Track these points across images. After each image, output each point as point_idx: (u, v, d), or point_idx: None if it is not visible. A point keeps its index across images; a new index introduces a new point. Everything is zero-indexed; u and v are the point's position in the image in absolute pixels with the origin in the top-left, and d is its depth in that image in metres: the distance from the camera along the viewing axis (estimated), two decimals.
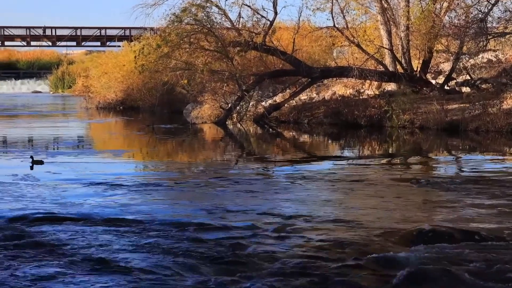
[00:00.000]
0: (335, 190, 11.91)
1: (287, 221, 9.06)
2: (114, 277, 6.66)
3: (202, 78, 27.70)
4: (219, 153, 19.30)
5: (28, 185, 12.05)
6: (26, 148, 19.69)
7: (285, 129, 25.91)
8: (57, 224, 8.90)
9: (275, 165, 16.15)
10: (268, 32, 27.04)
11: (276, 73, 28.12)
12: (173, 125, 27.36)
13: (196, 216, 9.43)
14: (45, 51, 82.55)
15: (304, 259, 7.20)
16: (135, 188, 11.78)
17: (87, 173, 13.53)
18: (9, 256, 7.33)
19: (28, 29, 72.14)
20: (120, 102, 40.18)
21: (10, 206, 10.07)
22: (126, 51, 40.70)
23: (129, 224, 8.89)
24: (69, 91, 61.45)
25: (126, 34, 64.87)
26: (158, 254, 7.42)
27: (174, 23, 26.63)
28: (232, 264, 7.05)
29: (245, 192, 11.50)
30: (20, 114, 36.49)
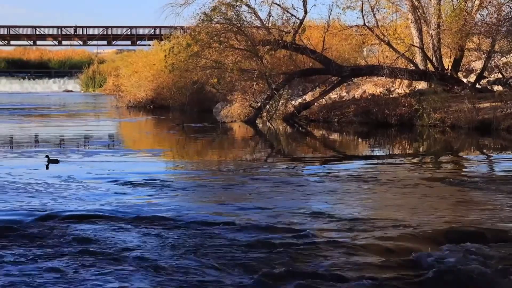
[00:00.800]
0: (365, 190, 11.85)
1: (314, 220, 9.03)
2: (143, 275, 6.68)
3: (231, 77, 27.72)
4: (248, 152, 19.30)
5: (58, 183, 12.14)
6: (57, 147, 19.85)
7: (315, 128, 25.85)
8: (85, 222, 8.95)
9: (305, 164, 16.11)
10: (298, 30, 27.00)
11: (306, 72, 28.07)
12: (203, 124, 27.41)
13: (225, 215, 9.43)
14: (76, 50, 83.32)
15: (330, 259, 7.18)
16: (165, 187, 11.81)
17: (117, 172, 13.59)
18: (37, 254, 7.40)
19: (59, 28, 72.76)
20: (150, 101, 40.36)
21: (39, 205, 10.14)
22: (156, 50, 40.89)
23: (158, 222, 8.92)
24: (99, 90, 61.94)
25: (156, 33, 65.17)
26: (187, 253, 7.43)
27: (204, 22, 26.70)
28: (263, 264, 7.05)
29: (275, 191, 11.48)
30: (52, 113, 36.78)
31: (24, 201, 10.38)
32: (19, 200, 10.46)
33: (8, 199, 10.59)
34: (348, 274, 6.69)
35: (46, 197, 10.76)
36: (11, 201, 10.42)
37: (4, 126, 27.42)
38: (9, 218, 9.15)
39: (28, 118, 32.23)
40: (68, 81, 74.48)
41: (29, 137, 23.21)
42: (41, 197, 10.81)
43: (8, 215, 9.33)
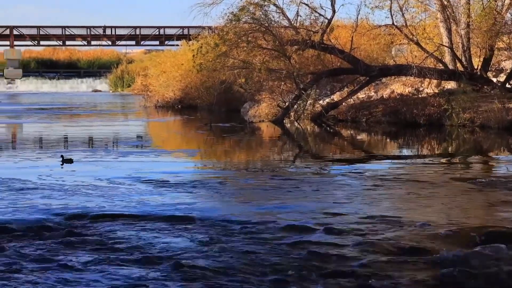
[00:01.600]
0: (393, 190, 11.79)
1: (343, 220, 9.01)
2: (169, 275, 6.70)
3: (259, 77, 27.72)
4: (276, 152, 19.29)
5: (86, 183, 12.22)
6: (86, 147, 20.00)
7: (343, 128, 25.79)
8: (114, 221, 9.00)
9: (332, 164, 16.07)
10: (326, 30, 26.94)
11: (334, 71, 28.00)
12: (231, 124, 27.44)
13: (252, 214, 9.44)
14: (105, 50, 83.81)
15: (357, 259, 7.16)
16: (192, 186, 11.84)
17: (145, 171, 13.65)
18: (66, 254, 7.45)
19: (88, 28, 73.31)
20: (178, 100, 40.48)
21: (67, 204, 10.22)
22: (184, 50, 41.00)
23: (186, 222, 8.95)
24: (128, 89, 62.24)
25: (185, 33, 65.41)
26: (214, 253, 7.45)
27: (232, 21, 26.73)
28: (291, 264, 7.04)
29: (302, 191, 11.47)
30: (81, 113, 37.04)
31: (53, 201, 10.46)
32: (48, 200, 10.55)
33: (37, 198, 10.68)
34: (374, 274, 6.66)
35: (74, 197, 10.84)
36: (40, 200, 10.51)
37: (34, 126, 27.67)
38: (38, 217, 9.24)
39: (58, 118, 32.50)
40: (97, 81, 74.92)
41: (58, 137, 23.39)
42: (70, 196, 10.89)
43: (37, 215, 9.41)
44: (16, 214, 9.45)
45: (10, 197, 10.73)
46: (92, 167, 14.35)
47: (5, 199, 10.61)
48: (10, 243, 7.87)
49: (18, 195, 10.90)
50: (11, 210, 9.73)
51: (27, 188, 11.54)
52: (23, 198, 10.69)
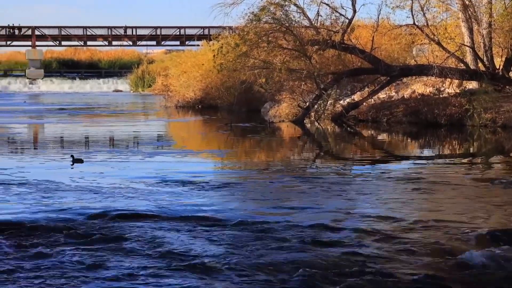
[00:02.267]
0: (414, 190, 11.75)
1: (362, 220, 9.01)
2: (192, 274, 6.72)
3: (280, 77, 27.70)
4: (296, 152, 19.28)
5: (107, 182, 12.28)
6: (107, 147, 20.10)
7: (364, 128, 25.72)
8: (134, 221, 9.05)
9: (353, 164, 16.04)
10: (346, 30, 26.87)
11: (354, 71, 27.94)
12: (251, 124, 27.45)
13: (273, 214, 9.45)
14: (126, 51, 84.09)
15: (379, 259, 7.14)
16: (213, 186, 11.87)
17: (166, 171, 13.69)
18: (87, 253, 7.49)
19: (109, 29, 73.63)
20: (199, 100, 40.53)
21: (89, 203, 10.28)
22: (205, 50, 41.05)
23: (206, 221, 8.98)
24: (149, 90, 62.41)
25: (205, 33, 65.52)
26: (236, 252, 7.46)
27: (252, 22, 26.74)
28: (312, 263, 7.04)
29: (323, 191, 11.46)
30: (102, 113, 37.21)
31: (76, 200, 10.53)
32: (72, 200, 10.61)
33: (59, 198, 10.75)
34: (397, 274, 6.65)
35: (96, 196, 10.90)
36: (62, 200, 10.58)
37: (56, 126, 27.82)
38: (61, 216, 9.30)
39: (79, 118, 32.66)
40: (118, 81, 75.14)
41: (79, 137, 23.50)
42: (91, 196, 10.95)
43: (60, 214, 9.48)
44: (41, 213, 9.52)
45: (34, 197, 10.82)
46: (113, 168, 14.41)
47: (30, 198, 10.69)
48: (33, 242, 7.93)
49: (42, 195, 10.98)
50: (36, 209, 9.81)
51: (51, 188, 11.62)
52: (48, 198, 10.77)
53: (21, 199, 10.64)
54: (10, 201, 10.53)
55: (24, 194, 11.10)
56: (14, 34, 72.51)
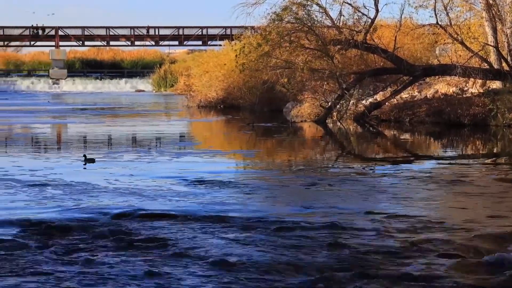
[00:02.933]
0: (437, 190, 11.69)
1: (386, 221, 8.97)
2: (215, 273, 6.73)
3: (302, 77, 27.69)
4: (318, 152, 19.26)
5: (131, 182, 12.34)
6: (130, 147, 20.18)
7: (386, 128, 25.64)
8: (158, 220, 9.09)
9: (375, 164, 16.00)
10: (369, 30, 26.80)
11: (377, 71, 27.85)
12: (273, 124, 27.45)
13: (295, 214, 9.44)
14: (148, 51, 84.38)
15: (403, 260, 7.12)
16: (235, 186, 11.88)
17: (189, 171, 13.73)
18: (111, 252, 7.52)
19: (132, 29, 73.94)
20: (221, 100, 40.58)
21: (114, 203, 10.33)
22: (227, 50, 41.10)
23: (229, 221, 8.99)
24: (171, 89, 62.57)
25: (227, 33, 65.60)
26: (258, 252, 7.46)
27: (274, 21, 26.74)
28: (334, 264, 7.02)
29: (345, 191, 11.44)
30: (125, 113, 37.37)
31: (99, 200, 10.59)
32: (95, 199, 10.67)
33: (83, 197, 10.81)
34: (421, 275, 6.61)
35: (119, 196, 10.95)
36: (86, 199, 10.64)
37: (79, 126, 27.98)
38: (85, 216, 9.35)
39: (102, 118, 32.82)
40: (140, 81, 75.38)
41: (102, 137, 23.62)
42: (115, 195, 11.01)
43: (84, 213, 9.53)
44: (65, 213, 9.58)
45: (58, 197, 10.89)
46: (136, 168, 14.47)
47: (54, 198, 10.76)
48: (57, 242, 7.97)
49: (66, 195, 11.05)
50: (60, 209, 9.87)
51: (76, 188, 11.68)
52: (71, 197, 10.83)
53: (47, 199, 10.71)
54: (36, 201, 10.60)
55: (49, 194, 11.18)
56: (38, 35, 73.03)
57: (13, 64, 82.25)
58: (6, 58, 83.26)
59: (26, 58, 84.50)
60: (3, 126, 27.85)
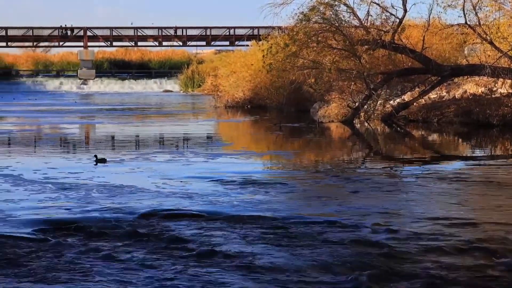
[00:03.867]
0: (465, 191, 11.61)
1: (412, 221, 8.95)
2: (240, 274, 6.74)
3: (329, 77, 27.63)
4: (346, 152, 19.21)
5: (158, 182, 12.39)
6: (157, 147, 20.26)
7: (414, 128, 25.50)
8: (185, 220, 9.13)
9: (403, 165, 15.92)
10: (397, 30, 26.67)
11: (405, 71, 27.71)
12: (300, 124, 27.43)
13: (322, 215, 9.43)
14: (176, 51, 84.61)
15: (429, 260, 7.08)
16: (262, 186, 11.88)
17: (216, 171, 13.77)
18: (136, 251, 7.56)
19: (160, 29, 74.24)
20: (248, 101, 40.61)
21: (141, 202, 10.39)
22: (254, 50, 41.12)
23: (256, 221, 9.00)
24: (198, 90, 62.70)
25: (255, 33, 65.65)
26: (285, 252, 7.47)
27: (302, 22, 26.71)
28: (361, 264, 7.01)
29: (373, 191, 11.40)
30: (152, 113, 37.53)
31: (126, 200, 10.65)
32: (121, 199, 10.73)
33: (110, 197, 10.88)
34: (447, 276, 6.57)
35: (146, 195, 11.01)
36: (113, 199, 10.71)
37: (107, 127, 28.13)
38: (112, 215, 9.42)
39: (129, 118, 32.98)
40: (168, 81, 75.64)
41: (130, 137, 23.74)
42: (142, 195, 11.07)
43: (111, 213, 9.60)
44: (91, 213, 9.65)
45: (84, 196, 10.97)
46: (164, 167, 14.53)
47: (80, 198, 10.84)
48: (84, 242, 8.03)
49: (92, 194, 11.13)
50: (86, 209, 9.95)
51: (104, 188, 11.77)
52: (97, 197, 10.91)
53: (74, 199, 10.80)
54: (63, 201, 10.69)
55: (79, 194, 11.26)
56: (66, 35, 73.59)
57: (42, 64, 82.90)
58: (35, 58, 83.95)
59: (55, 59, 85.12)
60: (32, 126, 28.11)
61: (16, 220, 9.15)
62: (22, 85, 72.11)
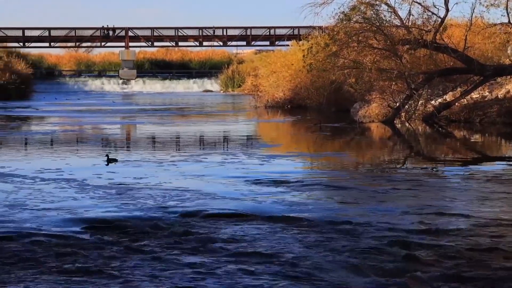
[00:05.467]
0: (508, 191, 11.48)
1: (454, 222, 8.88)
2: (278, 274, 6.74)
3: (370, 77, 27.50)
4: (386, 152, 19.11)
5: (198, 181, 12.45)
6: (197, 147, 20.36)
7: (455, 129, 25.27)
8: (225, 220, 9.17)
9: (445, 165, 15.79)
10: (438, 29, 26.45)
11: (446, 71, 27.47)
12: (341, 124, 27.35)
13: (362, 215, 9.40)
14: (216, 51, 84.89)
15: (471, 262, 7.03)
16: (301, 187, 11.89)
17: (255, 171, 13.80)
18: (178, 250, 7.62)
19: (200, 29, 74.48)
20: (288, 101, 40.58)
21: (182, 202, 10.45)
22: (295, 50, 41.09)
23: (294, 221, 9.02)
24: (238, 90, 62.85)
25: (295, 33, 65.55)
26: (323, 253, 7.46)
27: (342, 21, 26.64)
28: (401, 266, 6.97)
29: (413, 192, 11.33)
30: (192, 113, 37.70)
31: (166, 200, 10.72)
32: (162, 198, 10.81)
33: (151, 197, 10.96)
34: (492, 278, 6.51)
35: (187, 195, 11.06)
36: (154, 199, 10.79)
37: (148, 127, 28.34)
38: (153, 215, 9.49)
39: (170, 118, 33.17)
40: (208, 81, 75.88)
41: (171, 137, 23.88)
42: (183, 195, 11.12)
43: (152, 212, 9.68)
44: (133, 212, 9.74)
45: (127, 196, 11.07)
46: (204, 167, 14.60)
47: (123, 198, 10.94)
48: (126, 241, 8.11)
49: (134, 194, 11.23)
50: (128, 208, 10.04)
51: (141, 187, 11.87)
52: (138, 196, 11.00)
53: (115, 198, 10.90)
54: (104, 200, 10.80)
55: (119, 193, 11.37)
56: (108, 36, 74.23)
57: (84, 64, 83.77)
58: (77, 59, 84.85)
59: (97, 59, 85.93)
60: (74, 127, 28.43)
61: (62, 219, 9.28)
62: (64, 85, 72.89)
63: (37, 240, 8.06)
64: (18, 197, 10.92)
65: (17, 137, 23.02)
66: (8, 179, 12.76)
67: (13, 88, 52.79)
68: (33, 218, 9.30)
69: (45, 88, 65.42)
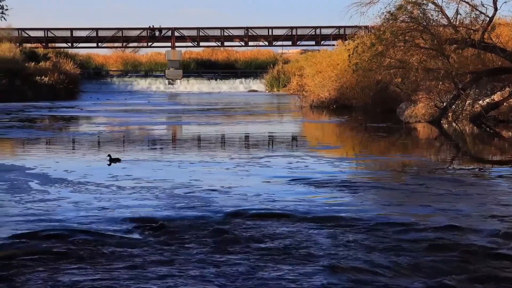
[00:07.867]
0: None
1: (499, 223, 8.77)
2: (325, 275, 6.75)
3: (416, 77, 27.30)
4: (432, 153, 18.95)
5: (242, 181, 12.50)
6: (240, 146, 20.43)
7: (504, 129, 24.95)
8: (269, 220, 9.19)
9: (492, 167, 15.61)
10: (486, 28, 26.15)
11: (494, 71, 27.15)
12: (386, 124, 27.19)
13: (405, 216, 9.36)
14: (261, 51, 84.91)
15: None
16: (346, 187, 11.86)
17: (300, 171, 13.81)
18: (222, 251, 7.66)
19: (246, 29, 74.64)
20: (334, 100, 40.46)
21: (227, 202, 10.51)
22: (340, 50, 40.96)
23: (337, 222, 9.01)
24: (283, 90, 62.84)
25: (341, 33, 65.36)
26: (364, 254, 7.43)
27: (389, 21, 26.50)
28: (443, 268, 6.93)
29: (460, 193, 11.23)
30: (238, 113, 37.81)
31: (210, 199, 10.78)
32: (206, 198, 10.88)
33: (196, 196, 11.04)
34: None
35: (232, 195, 11.12)
36: (199, 198, 10.86)
37: (195, 127, 28.52)
38: (198, 214, 9.56)
39: (216, 118, 33.32)
40: (253, 81, 76.00)
41: (216, 136, 23.99)
42: (229, 194, 11.18)
43: (197, 212, 9.75)
44: (177, 211, 9.82)
45: (170, 194, 11.16)
46: (248, 167, 14.64)
47: (167, 196, 11.04)
48: (170, 240, 8.18)
49: (178, 193, 11.32)
50: (172, 207, 10.13)
51: (184, 186, 11.96)
52: (184, 195, 11.09)
53: (158, 198, 11.00)
54: (152, 199, 10.90)
55: (161, 192, 11.47)
56: (154, 36, 74.82)
57: (131, 64, 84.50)
58: (124, 59, 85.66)
59: (143, 59, 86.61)
60: (121, 127, 28.72)
61: (108, 218, 9.39)
62: (111, 85, 73.64)
63: (85, 239, 8.17)
64: (68, 196, 11.09)
65: (64, 137, 23.34)
66: (58, 179, 12.95)
67: (61, 88, 53.69)
68: (81, 218, 9.42)
69: (92, 88, 66.23)
